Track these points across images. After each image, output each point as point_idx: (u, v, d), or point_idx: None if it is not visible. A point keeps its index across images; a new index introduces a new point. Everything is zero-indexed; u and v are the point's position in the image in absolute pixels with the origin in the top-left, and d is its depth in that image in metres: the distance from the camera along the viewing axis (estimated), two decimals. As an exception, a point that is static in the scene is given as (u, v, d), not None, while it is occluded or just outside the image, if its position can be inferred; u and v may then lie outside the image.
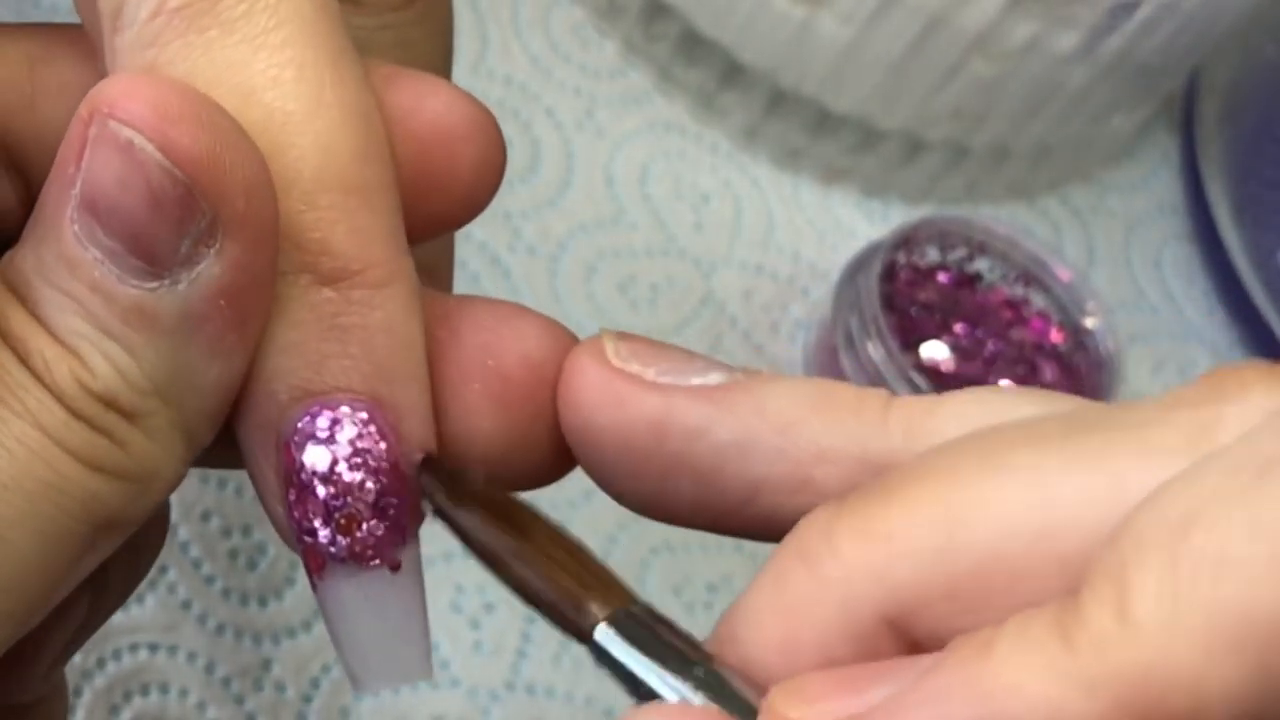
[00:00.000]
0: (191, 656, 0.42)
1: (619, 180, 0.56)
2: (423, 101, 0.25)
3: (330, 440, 0.24)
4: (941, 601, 0.21)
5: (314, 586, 0.24)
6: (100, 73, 0.25)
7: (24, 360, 0.22)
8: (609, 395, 0.25)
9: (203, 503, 0.44)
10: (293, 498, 0.24)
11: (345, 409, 0.24)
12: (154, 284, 0.22)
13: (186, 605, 0.43)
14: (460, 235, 0.53)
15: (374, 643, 0.25)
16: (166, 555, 0.43)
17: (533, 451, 0.25)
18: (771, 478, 0.24)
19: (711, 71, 0.58)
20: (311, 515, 0.24)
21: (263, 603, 0.44)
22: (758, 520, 0.25)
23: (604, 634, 0.23)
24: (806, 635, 0.22)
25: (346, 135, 0.24)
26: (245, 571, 0.44)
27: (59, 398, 0.22)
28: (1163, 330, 0.62)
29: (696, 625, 0.49)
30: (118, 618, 0.42)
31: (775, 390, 0.24)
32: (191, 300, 0.22)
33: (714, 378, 0.25)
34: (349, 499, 0.24)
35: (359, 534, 0.24)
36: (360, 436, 0.24)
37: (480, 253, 0.53)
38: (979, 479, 0.22)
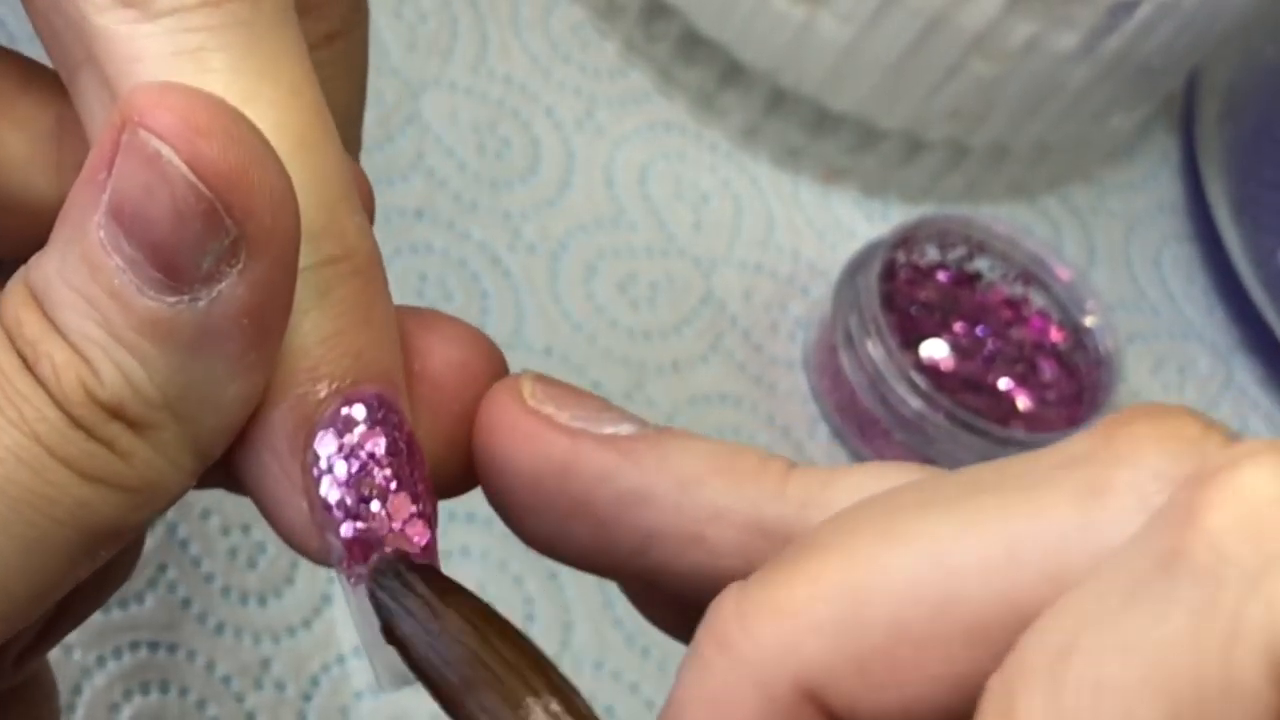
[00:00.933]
0: (191, 655, 0.42)
1: (619, 180, 0.56)
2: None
3: (381, 423, 0.24)
4: (852, 675, 0.21)
5: (351, 581, 0.24)
6: (15, 118, 0.25)
7: (31, 366, 0.22)
8: (519, 432, 0.25)
9: (202, 501, 0.44)
10: (335, 487, 0.24)
11: (378, 393, 0.24)
12: (173, 299, 0.22)
13: (186, 603, 0.43)
14: (460, 234, 0.53)
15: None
16: (166, 553, 0.43)
17: (459, 455, 0.26)
18: (666, 531, 0.24)
19: (711, 71, 0.58)
20: (361, 501, 0.24)
21: (262, 601, 0.44)
22: (648, 571, 0.25)
23: None
24: (732, 718, 0.22)
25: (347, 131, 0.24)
26: (245, 570, 0.44)
27: (61, 405, 0.22)
28: (1162, 330, 0.62)
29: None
30: (117, 616, 0.42)
31: (680, 447, 0.25)
32: (213, 318, 0.22)
33: (625, 428, 0.25)
34: (400, 481, 0.24)
35: (407, 515, 0.24)
36: (399, 421, 0.24)
37: (480, 252, 0.53)
38: (877, 549, 0.22)
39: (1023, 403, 0.53)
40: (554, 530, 0.25)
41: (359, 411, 0.24)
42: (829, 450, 0.54)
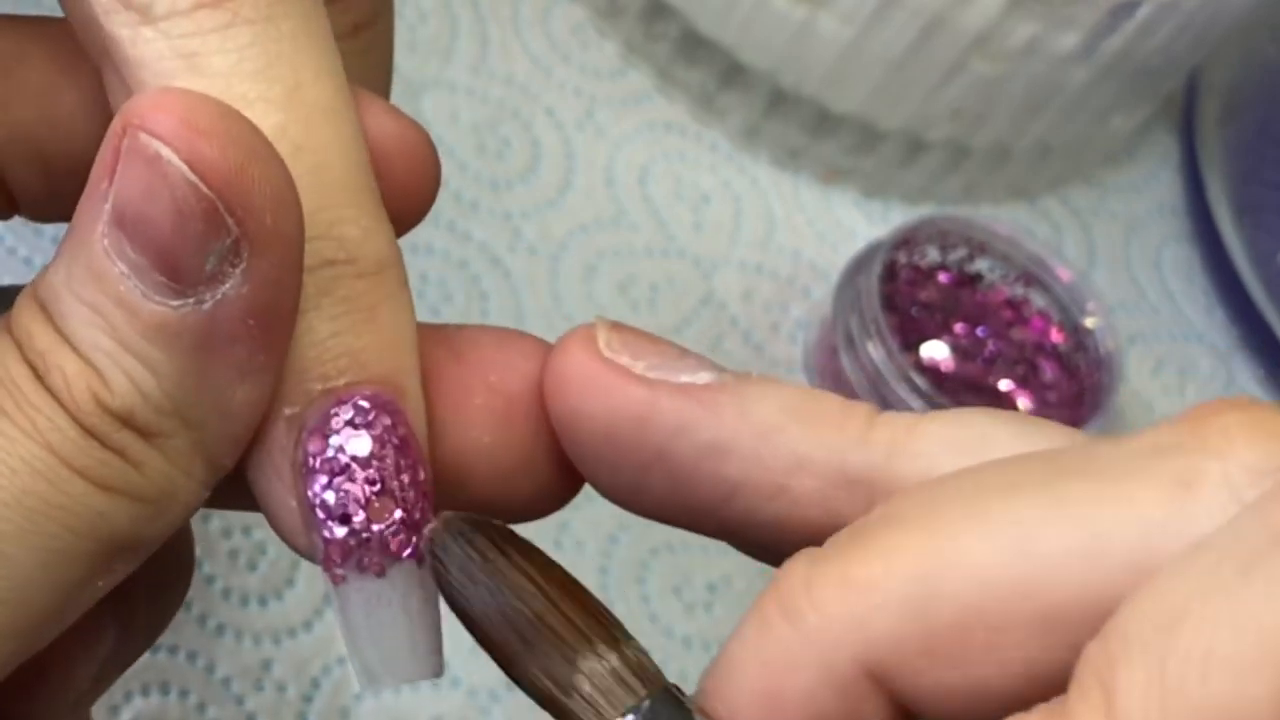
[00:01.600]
0: (192, 656, 0.42)
1: (619, 180, 0.56)
2: (364, 120, 0.25)
3: (368, 426, 0.24)
4: (920, 655, 0.21)
5: (333, 581, 0.24)
6: (68, 70, 0.26)
7: (41, 377, 0.22)
8: (595, 384, 0.25)
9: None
10: (320, 488, 0.24)
11: (371, 395, 0.24)
12: (177, 302, 0.22)
13: (187, 605, 0.43)
14: (460, 235, 0.53)
15: (389, 640, 0.25)
16: (167, 555, 0.43)
17: (535, 471, 0.26)
18: (748, 482, 0.24)
19: (712, 71, 0.58)
20: (344, 503, 0.24)
21: (263, 603, 0.44)
22: (731, 522, 0.25)
23: None
24: (789, 688, 0.22)
25: (358, 130, 0.24)
26: (246, 572, 0.44)
27: (73, 415, 0.22)
28: (1163, 330, 0.62)
29: (696, 625, 0.49)
30: (118, 618, 0.42)
31: (760, 394, 0.24)
32: (218, 320, 0.22)
33: (703, 377, 0.25)
34: (384, 484, 0.24)
35: (390, 519, 0.24)
36: (392, 424, 0.24)
37: (481, 253, 0.53)
38: (959, 529, 0.21)
39: (1023, 404, 0.53)
40: (632, 483, 0.25)
41: (346, 413, 0.24)
42: (829, 451, 0.54)
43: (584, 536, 0.48)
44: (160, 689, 0.42)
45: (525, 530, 0.27)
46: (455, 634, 0.23)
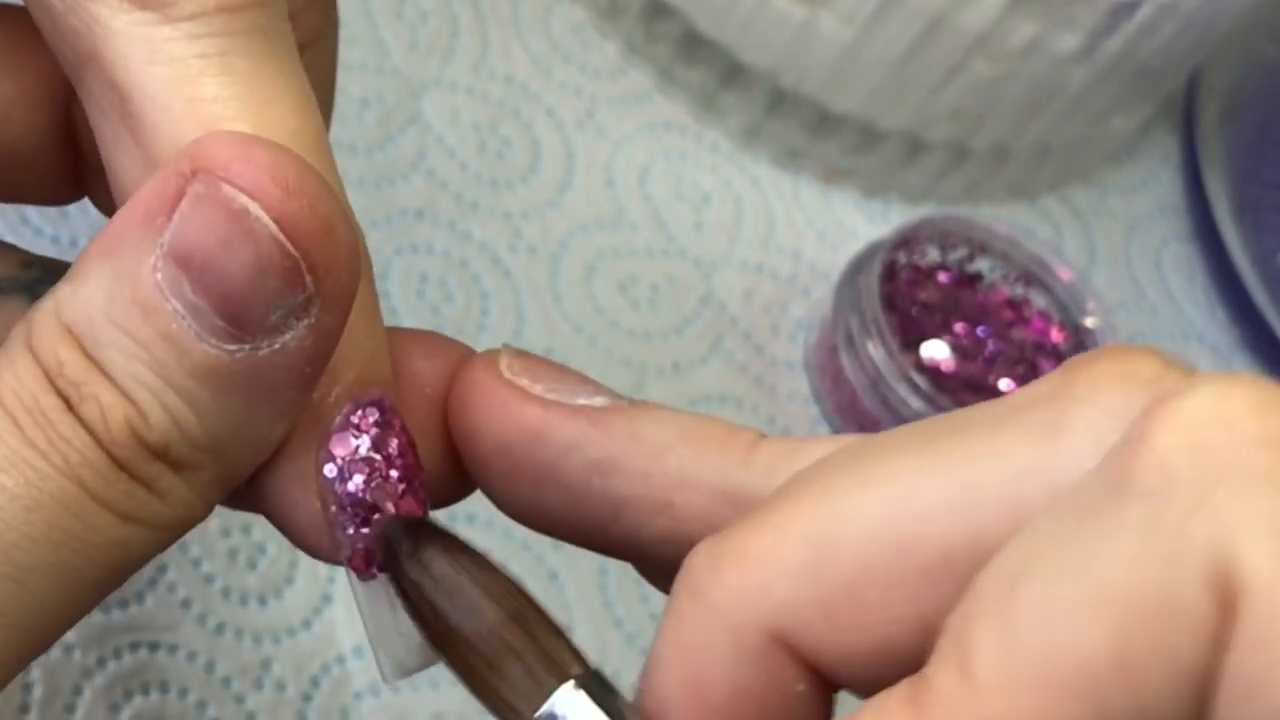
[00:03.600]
0: (191, 655, 0.42)
1: (619, 180, 0.56)
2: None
3: (388, 425, 0.24)
4: (820, 619, 0.22)
5: (361, 578, 0.24)
6: (5, 62, 0.26)
7: (74, 407, 0.22)
8: (493, 401, 0.25)
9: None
10: (349, 486, 0.24)
11: (381, 396, 0.24)
12: (233, 347, 0.22)
13: (186, 604, 0.43)
14: (460, 235, 0.53)
15: (416, 633, 0.25)
16: (166, 554, 0.43)
17: (457, 464, 0.26)
18: (635, 498, 0.25)
19: (712, 71, 0.58)
20: (372, 500, 0.24)
21: (263, 602, 0.44)
22: (621, 539, 0.25)
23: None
24: (707, 668, 0.22)
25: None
26: (245, 570, 0.44)
27: (105, 446, 0.22)
28: (1163, 330, 0.62)
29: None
30: (117, 616, 0.42)
31: (651, 418, 0.25)
32: (275, 368, 0.22)
33: (598, 400, 0.25)
34: (409, 481, 0.24)
35: (416, 514, 0.25)
36: (402, 424, 0.25)
37: (481, 253, 0.53)
38: (845, 493, 0.22)
39: (1023, 404, 0.53)
40: (528, 498, 0.26)
41: (371, 413, 0.24)
42: (829, 451, 0.54)
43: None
44: (160, 688, 0.42)
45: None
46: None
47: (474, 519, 0.46)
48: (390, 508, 0.24)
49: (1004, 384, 0.53)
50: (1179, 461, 0.19)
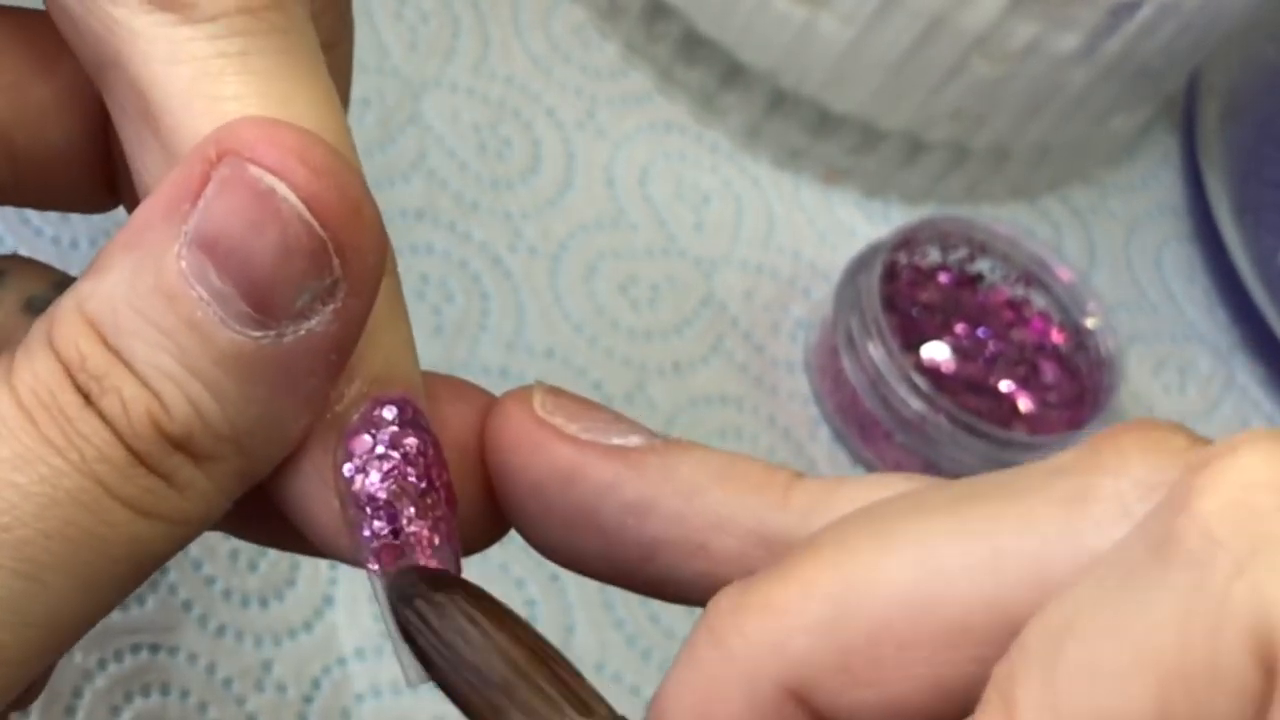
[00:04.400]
0: (192, 657, 0.42)
1: (620, 180, 0.56)
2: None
3: (411, 424, 0.24)
4: (837, 674, 0.22)
5: (381, 580, 0.24)
6: (41, 64, 0.26)
7: (95, 400, 0.22)
8: (527, 442, 0.25)
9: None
10: (368, 485, 0.24)
11: (401, 395, 0.24)
12: (259, 333, 0.22)
13: (187, 606, 0.43)
14: (461, 235, 0.53)
15: None
16: (167, 556, 0.43)
17: (477, 516, 0.26)
18: (669, 541, 0.25)
19: (712, 72, 0.57)
20: (392, 499, 0.24)
21: (264, 604, 0.44)
22: (656, 580, 0.25)
23: None
24: (719, 714, 0.22)
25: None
26: (246, 572, 0.44)
27: (125, 441, 0.22)
28: (1163, 330, 0.62)
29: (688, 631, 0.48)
30: (117, 618, 0.42)
31: (685, 458, 0.25)
32: (299, 354, 0.22)
33: (633, 440, 0.25)
34: (430, 480, 0.24)
35: (437, 515, 0.24)
36: (427, 424, 0.24)
37: (481, 253, 0.53)
38: (868, 552, 0.22)
39: (1024, 404, 0.53)
40: (561, 539, 0.26)
41: (389, 412, 0.24)
42: (830, 452, 0.54)
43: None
44: (160, 689, 0.42)
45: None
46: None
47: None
48: (410, 510, 0.24)
49: (1004, 385, 0.53)
50: (1222, 524, 0.19)
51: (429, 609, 0.24)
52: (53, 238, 0.47)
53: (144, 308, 0.22)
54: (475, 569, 0.49)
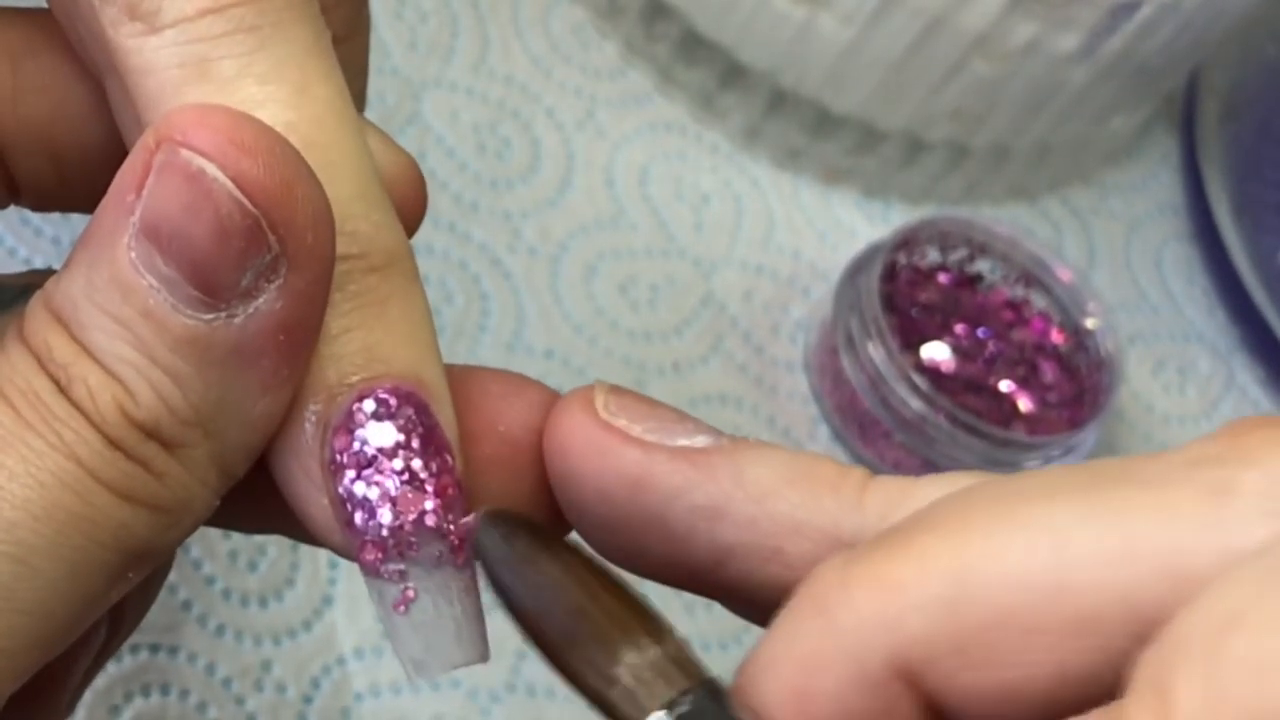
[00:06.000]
0: (192, 657, 0.42)
1: (619, 180, 0.56)
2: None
3: (391, 417, 0.24)
4: (952, 655, 0.21)
5: (371, 575, 0.24)
6: (76, 71, 0.26)
7: (64, 389, 0.22)
8: (592, 445, 0.25)
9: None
10: (349, 482, 0.24)
11: (392, 388, 0.24)
12: (209, 315, 0.22)
13: (187, 606, 0.43)
14: (460, 235, 0.53)
15: (432, 628, 0.24)
16: (167, 556, 0.43)
17: (541, 514, 0.26)
18: (743, 545, 0.24)
19: (712, 72, 0.57)
20: (375, 496, 0.24)
21: (263, 604, 0.44)
22: (728, 585, 0.25)
23: None
24: (820, 686, 0.22)
25: (362, 129, 0.24)
26: (245, 572, 0.44)
27: (98, 427, 0.22)
28: (1163, 330, 0.62)
29: (697, 626, 0.49)
30: (118, 618, 0.42)
31: (756, 459, 0.25)
32: (249, 334, 0.22)
33: (699, 441, 0.25)
34: (413, 475, 0.24)
35: (421, 509, 0.24)
36: (416, 415, 0.24)
37: (481, 253, 0.53)
38: (993, 531, 0.21)
39: (1024, 404, 0.53)
40: (629, 545, 0.25)
41: (368, 406, 0.24)
42: (829, 452, 0.54)
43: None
44: (160, 689, 0.42)
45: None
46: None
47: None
48: (388, 504, 0.24)
49: (1004, 385, 0.53)
50: None
51: (501, 540, 0.24)
52: (53, 238, 0.47)
53: (101, 300, 0.22)
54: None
